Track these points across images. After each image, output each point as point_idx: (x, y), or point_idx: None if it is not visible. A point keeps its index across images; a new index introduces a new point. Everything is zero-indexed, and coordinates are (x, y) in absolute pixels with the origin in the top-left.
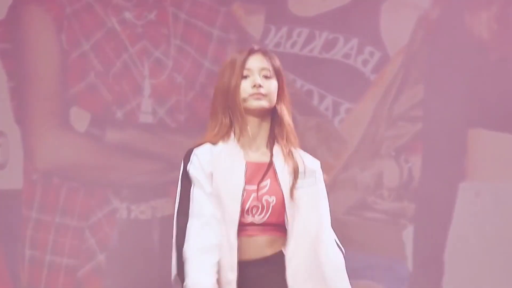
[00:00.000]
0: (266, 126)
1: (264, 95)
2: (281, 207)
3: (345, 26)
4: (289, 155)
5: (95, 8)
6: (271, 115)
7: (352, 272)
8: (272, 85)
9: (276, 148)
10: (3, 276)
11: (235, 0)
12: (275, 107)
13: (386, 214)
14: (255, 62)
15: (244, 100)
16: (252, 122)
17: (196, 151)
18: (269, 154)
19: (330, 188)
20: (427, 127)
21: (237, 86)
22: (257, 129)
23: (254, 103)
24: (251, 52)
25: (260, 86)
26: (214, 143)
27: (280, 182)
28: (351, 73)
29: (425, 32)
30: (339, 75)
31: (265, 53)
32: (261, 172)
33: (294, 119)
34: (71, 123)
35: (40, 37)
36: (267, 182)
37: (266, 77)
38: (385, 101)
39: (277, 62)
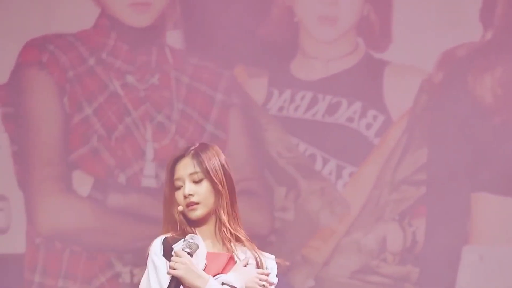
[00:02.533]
0: (212, 226)
1: (197, 203)
2: None
3: (349, 89)
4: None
5: (97, 72)
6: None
7: None
8: (203, 189)
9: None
10: None
11: (238, 64)
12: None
13: (390, 278)
14: (182, 170)
15: (182, 211)
16: (198, 225)
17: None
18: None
19: (335, 251)
20: (430, 191)
21: (171, 200)
22: (205, 231)
23: (191, 214)
24: (178, 159)
25: (190, 195)
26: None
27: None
28: (355, 137)
29: (428, 96)
30: (343, 139)
31: (194, 155)
32: (221, 264)
33: (297, 183)
34: (73, 187)
35: (42, 101)
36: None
37: (195, 182)
38: (388, 165)
39: (209, 161)
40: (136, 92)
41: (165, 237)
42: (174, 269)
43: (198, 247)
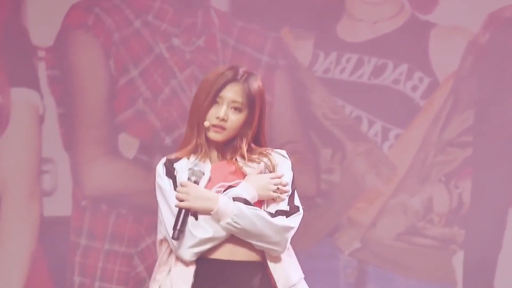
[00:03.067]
0: (227, 145)
1: (224, 129)
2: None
3: (394, 51)
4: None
5: (143, 35)
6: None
7: None
8: (236, 119)
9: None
10: None
11: (284, 26)
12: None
13: (436, 240)
14: (229, 93)
15: (207, 127)
16: (214, 144)
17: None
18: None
19: (380, 213)
20: (477, 152)
21: (206, 112)
22: (218, 146)
23: (211, 135)
24: (229, 81)
25: (223, 120)
26: (187, 157)
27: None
28: (401, 99)
29: (474, 57)
30: (388, 101)
31: (244, 82)
32: (226, 172)
33: (343, 145)
34: (119, 149)
35: (88, 64)
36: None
37: (235, 109)
38: (434, 127)
39: (256, 92)
40: (182, 55)
41: (166, 158)
42: (181, 200)
43: (203, 174)
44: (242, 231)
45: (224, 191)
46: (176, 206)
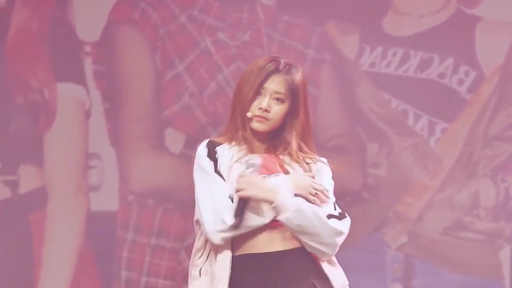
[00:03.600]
0: (266, 138)
1: (268, 119)
2: None
3: (440, 45)
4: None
5: (189, 29)
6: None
7: None
8: (279, 109)
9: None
10: None
11: (330, 20)
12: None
13: (483, 234)
14: (272, 84)
15: (249, 118)
16: (257, 135)
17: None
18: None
19: (427, 207)
20: None
21: (249, 104)
22: (262, 139)
23: (254, 125)
24: (272, 73)
25: (266, 110)
26: (229, 143)
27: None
28: (447, 93)
29: None
30: (435, 95)
31: (286, 73)
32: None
33: (390, 140)
34: (166, 144)
35: (134, 58)
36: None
37: (278, 100)
38: (480, 121)
39: (299, 83)
40: (228, 49)
41: (209, 140)
42: (243, 189)
43: (256, 166)
44: (299, 227)
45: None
46: (238, 196)
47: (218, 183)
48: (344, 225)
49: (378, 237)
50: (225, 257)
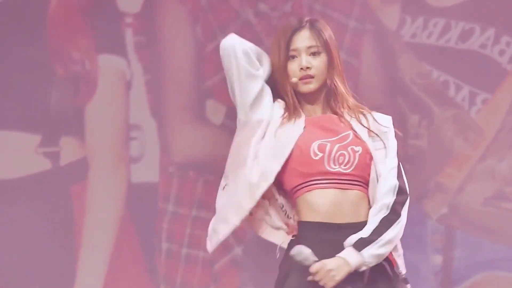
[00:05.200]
0: (320, 98)
1: (313, 77)
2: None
3: (482, 16)
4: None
5: (230, 0)
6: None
7: (490, 264)
8: (321, 63)
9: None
10: (139, 269)
11: None
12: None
13: None
14: (301, 41)
15: (295, 83)
16: (307, 98)
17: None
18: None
19: (468, 178)
20: None
21: (286, 70)
22: (315, 101)
23: (304, 88)
24: (296, 30)
25: (307, 68)
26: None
27: (360, 134)
28: (488, 63)
29: None
30: (476, 66)
31: (311, 27)
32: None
33: (431, 110)
34: (207, 116)
35: (175, 30)
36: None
37: (314, 54)
38: None
39: (326, 33)
40: (269, 21)
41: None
42: (326, 284)
43: (310, 252)
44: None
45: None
46: None
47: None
48: (403, 216)
49: (419, 208)
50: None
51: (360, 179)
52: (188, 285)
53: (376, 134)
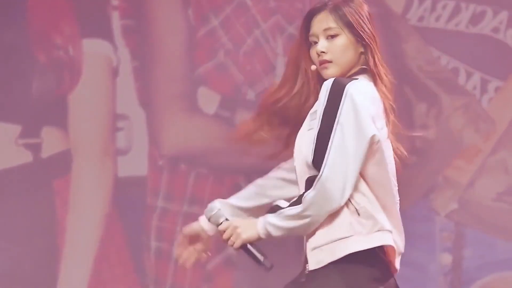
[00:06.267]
0: None
1: (330, 61)
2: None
3: None
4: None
5: None
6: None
7: (503, 264)
8: (337, 46)
9: None
10: (128, 270)
11: None
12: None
13: None
14: (317, 25)
15: (314, 70)
16: None
17: None
18: None
19: (479, 172)
20: None
21: (309, 57)
22: None
23: (323, 73)
24: (313, 15)
25: (322, 52)
26: None
27: None
28: (501, 49)
29: None
30: (488, 51)
31: (331, 8)
32: None
33: (439, 99)
34: (199, 105)
35: (165, 13)
36: None
37: (331, 36)
38: None
39: (346, 11)
40: (266, 3)
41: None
42: (233, 243)
43: (220, 211)
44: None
45: None
46: (235, 249)
47: None
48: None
49: (426, 204)
50: None
51: None
52: (179, 286)
53: None
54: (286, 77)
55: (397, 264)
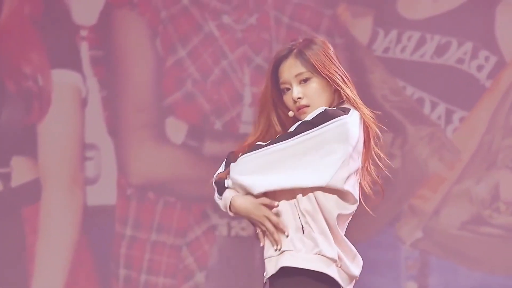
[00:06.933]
0: None
1: (307, 106)
2: None
3: (458, 29)
4: None
5: (192, 12)
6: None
7: None
8: (312, 88)
9: None
10: None
11: (341, 3)
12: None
13: (503, 229)
14: (287, 72)
15: (292, 116)
16: None
17: None
18: None
19: (444, 201)
20: None
21: (282, 104)
22: None
23: (302, 117)
24: (280, 61)
25: (299, 98)
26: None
27: None
28: (465, 79)
29: None
30: (452, 82)
31: (296, 54)
32: None
33: (404, 129)
34: (167, 134)
35: (133, 43)
36: None
37: (303, 80)
38: (501, 109)
39: (313, 53)
40: (233, 33)
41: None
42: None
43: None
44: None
45: None
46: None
47: None
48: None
49: (392, 232)
50: None
51: None
52: None
53: None
54: (259, 122)
55: None
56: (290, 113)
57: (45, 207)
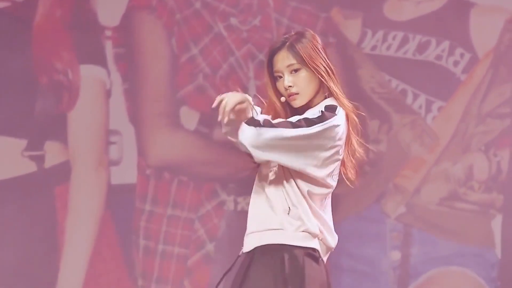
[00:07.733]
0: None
1: (298, 93)
2: None
3: (437, 29)
4: None
5: (203, 15)
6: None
7: (445, 259)
8: (300, 79)
9: None
10: (119, 264)
11: (334, 6)
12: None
13: (476, 205)
14: (280, 63)
15: (284, 102)
16: (303, 111)
17: None
18: None
19: (424, 180)
20: None
21: (277, 90)
22: None
23: (293, 104)
24: (274, 53)
25: (289, 86)
26: None
27: None
28: (443, 74)
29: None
30: (432, 76)
31: (288, 46)
32: None
33: (390, 117)
34: (181, 122)
35: (152, 42)
36: None
37: (294, 71)
38: (475, 100)
39: (302, 47)
40: (239, 33)
41: None
42: (225, 104)
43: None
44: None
45: None
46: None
47: None
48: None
49: (378, 208)
50: None
51: None
52: (164, 279)
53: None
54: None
55: (325, 258)
56: (282, 99)
57: (74, 186)
